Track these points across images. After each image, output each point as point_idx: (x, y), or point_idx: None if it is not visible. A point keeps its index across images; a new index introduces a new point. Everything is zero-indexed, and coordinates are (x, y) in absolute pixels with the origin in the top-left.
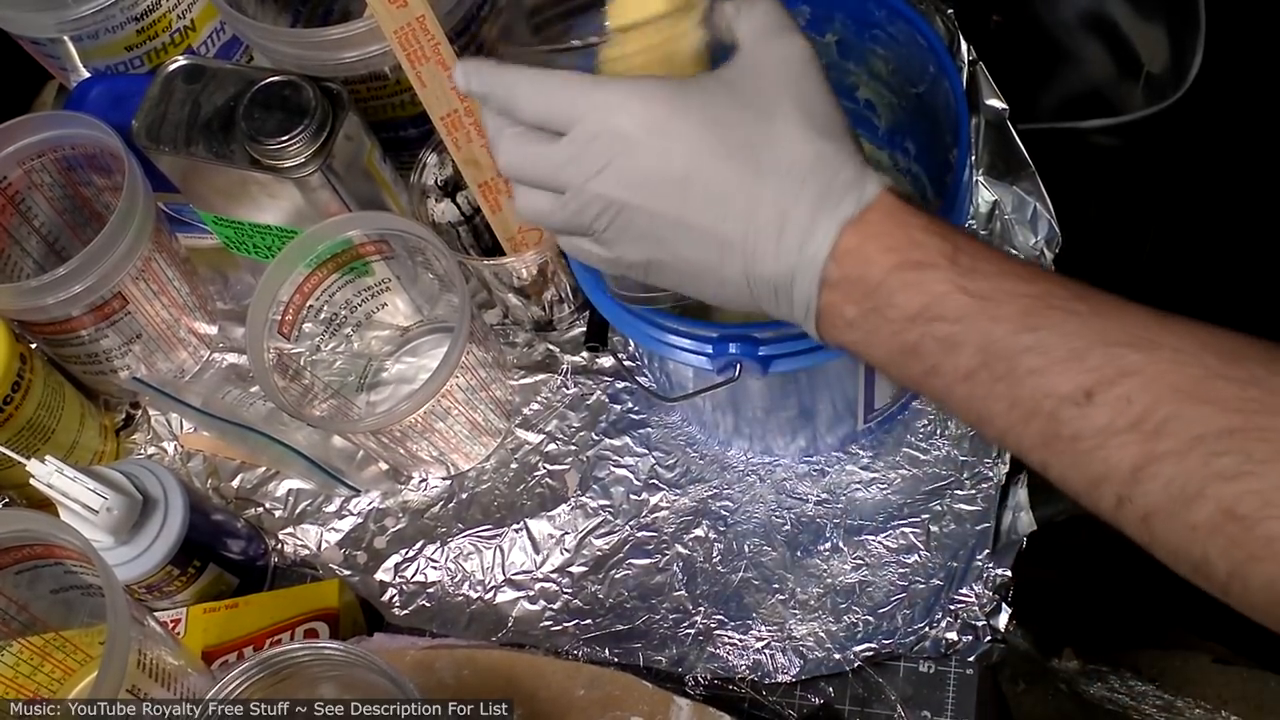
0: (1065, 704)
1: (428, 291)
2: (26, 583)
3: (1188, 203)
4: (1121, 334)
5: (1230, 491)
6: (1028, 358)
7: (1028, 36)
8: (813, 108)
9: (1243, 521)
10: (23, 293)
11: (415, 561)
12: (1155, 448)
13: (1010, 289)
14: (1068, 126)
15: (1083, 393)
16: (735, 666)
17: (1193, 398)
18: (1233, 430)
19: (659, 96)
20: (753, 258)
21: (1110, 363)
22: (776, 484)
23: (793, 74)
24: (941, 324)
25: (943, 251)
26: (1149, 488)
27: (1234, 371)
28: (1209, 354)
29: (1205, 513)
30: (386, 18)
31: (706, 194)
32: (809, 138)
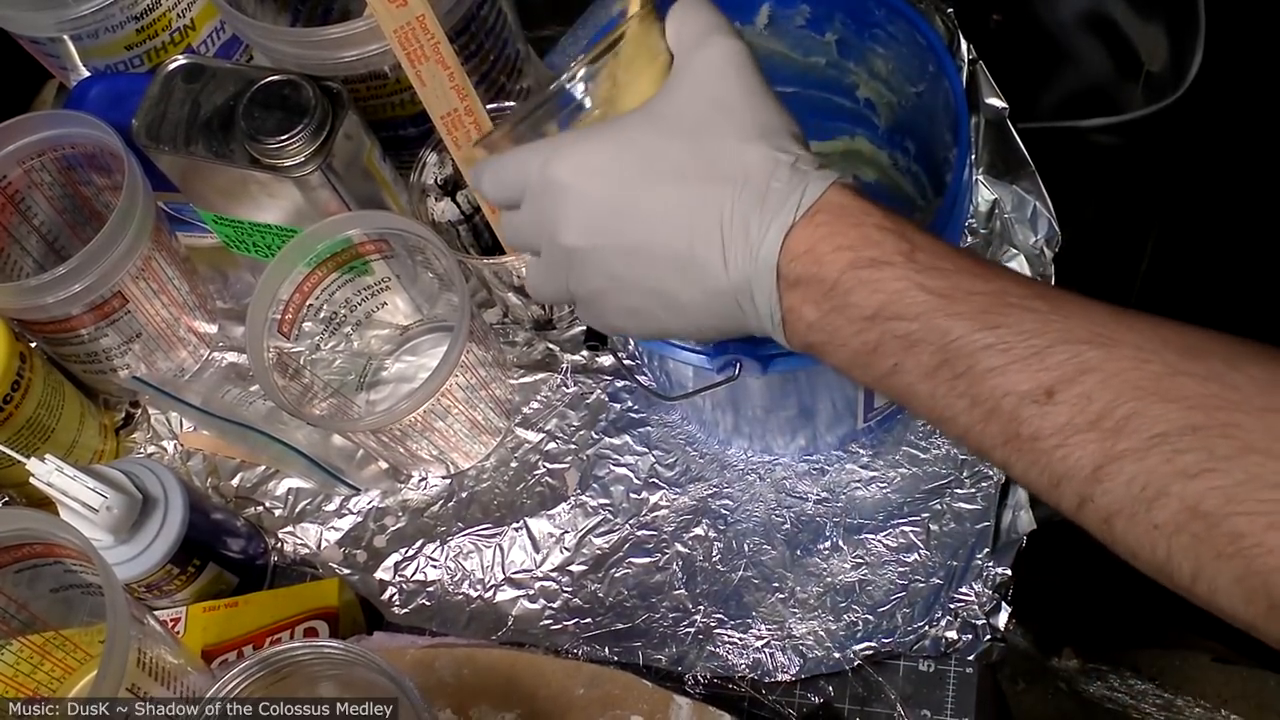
0: (1065, 703)
1: (427, 290)
2: (26, 582)
3: (1188, 202)
4: (1082, 331)
5: (1194, 489)
6: (987, 356)
7: (1028, 36)
8: (743, 113)
9: (1207, 519)
10: (23, 292)
11: (415, 560)
12: (1116, 446)
13: (969, 286)
14: (1068, 126)
15: (1043, 391)
16: (735, 665)
17: (1154, 394)
18: (1195, 427)
19: (589, 141)
20: (705, 272)
21: (1070, 360)
22: (776, 483)
23: (720, 82)
24: (900, 322)
25: (898, 249)
26: (1110, 486)
27: (1195, 367)
28: (1170, 350)
29: (1168, 511)
30: (386, 17)
31: (648, 220)
32: (739, 146)
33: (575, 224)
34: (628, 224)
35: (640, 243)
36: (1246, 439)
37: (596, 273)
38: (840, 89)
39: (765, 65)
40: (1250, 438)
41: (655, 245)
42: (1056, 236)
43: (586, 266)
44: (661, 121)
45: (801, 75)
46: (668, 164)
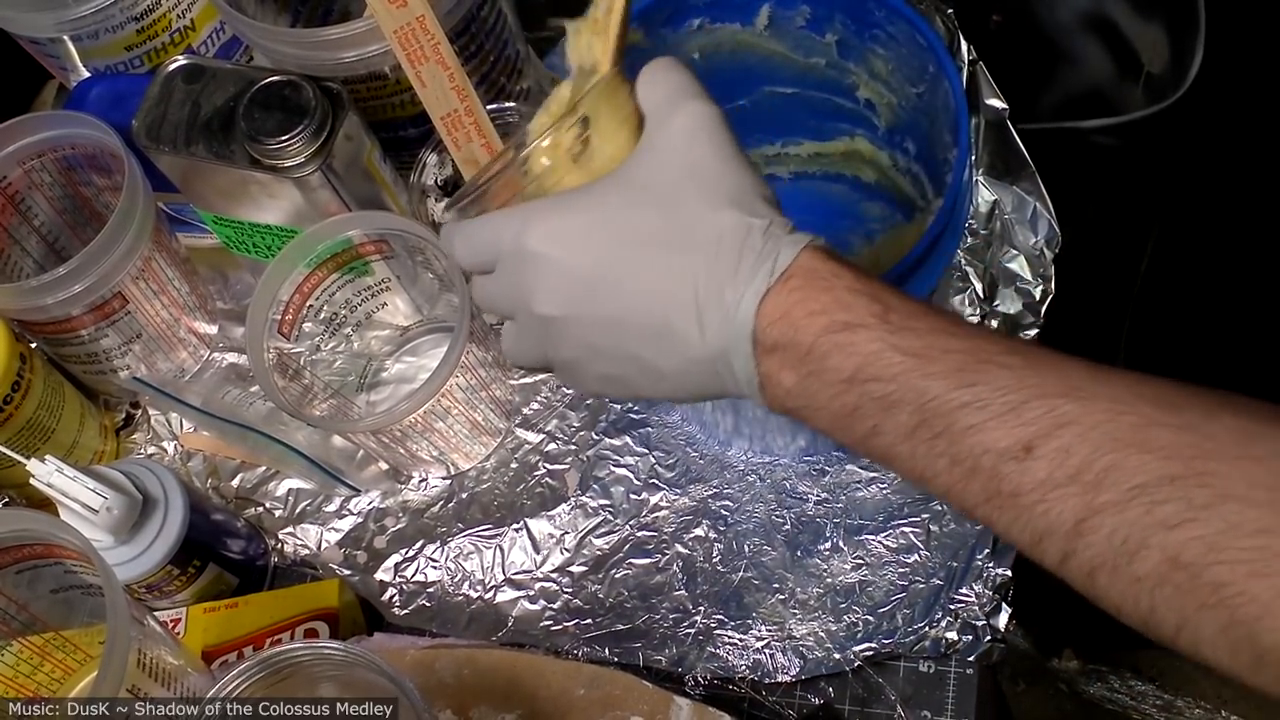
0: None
1: (428, 291)
2: (26, 582)
3: (1188, 203)
4: (1057, 386)
5: (1174, 540)
6: (964, 414)
7: (1028, 36)
8: (715, 180)
9: (1188, 569)
10: (23, 292)
11: (415, 561)
12: (1096, 499)
13: (943, 345)
14: (1068, 126)
15: (1021, 447)
16: (735, 666)
17: (1131, 446)
18: (1173, 477)
19: (563, 209)
20: (683, 342)
21: (1047, 414)
22: (776, 483)
23: (693, 148)
24: (877, 384)
25: (871, 311)
26: (1092, 540)
27: (1171, 418)
28: (1145, 403)
29: (1150, 563)
30: (386, 17)
31: (624, 291)
32: (712, 213)
33: (550, 294)
34: (603, 295)
35: (616, 314)
36: (1224, 487)
37: (573, 342)
38: (840, 90)
39: (765, 67)
40: (1227, 486)
41: (631, 316)
42: (1057, 237)
43: (563, 336)
44: (635, 189)
45: (802, 76)
46: (642, 233)
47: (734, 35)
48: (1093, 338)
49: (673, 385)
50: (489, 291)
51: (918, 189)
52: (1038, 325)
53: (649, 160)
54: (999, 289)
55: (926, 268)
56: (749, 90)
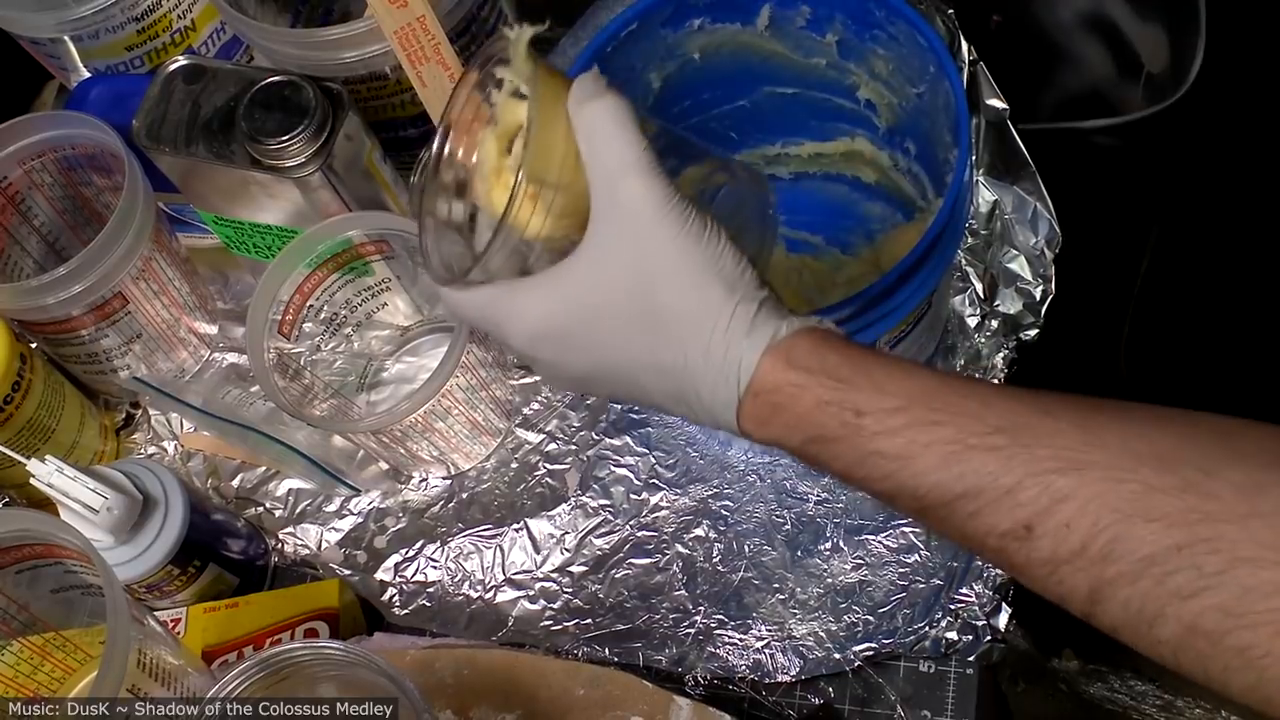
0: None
1: (428, 291)
2: (26, 582)
3: (1188, 203)
4: (1048, 461)
5: (1190, 609)
6: (961, 503)
7: (1028, 36)
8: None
9: (1209, 637)
10: (23, 293)
11: (415, 561)
12: (1105, 572)
13: (925, 439)
14: (1068, 126)
15: (1022, 527)
16: (735, 666)
17: (1133, 516)
18: (1179, 546)
19: (533, 306)
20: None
21: (1042, 493)
22: (776, 483)
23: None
24: (870, 482)
25: (843, 421)
26: (1108, 608)
27: (1169, 480)
28: (1143, 466)
29: (1169, 630)
30: (387, 18)
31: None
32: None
33: (554, 380)
34: (600, 387)
35: (619, 393)
36: (1233, 551)
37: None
38: (841, 90)
39: (766, 67)
40: (1236, 549)
41: (639, 397)
42: (1057, 237)
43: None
44: (596, 275)
45: (802, 76)
46: (613, 335)
47: (734, 35)
48: (1093, 338)
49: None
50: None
51: (918, 189)
52: (1038, 325)
53: (602, 242)
54: (999, 289)
55: (926, 268)
56: (749, 90)
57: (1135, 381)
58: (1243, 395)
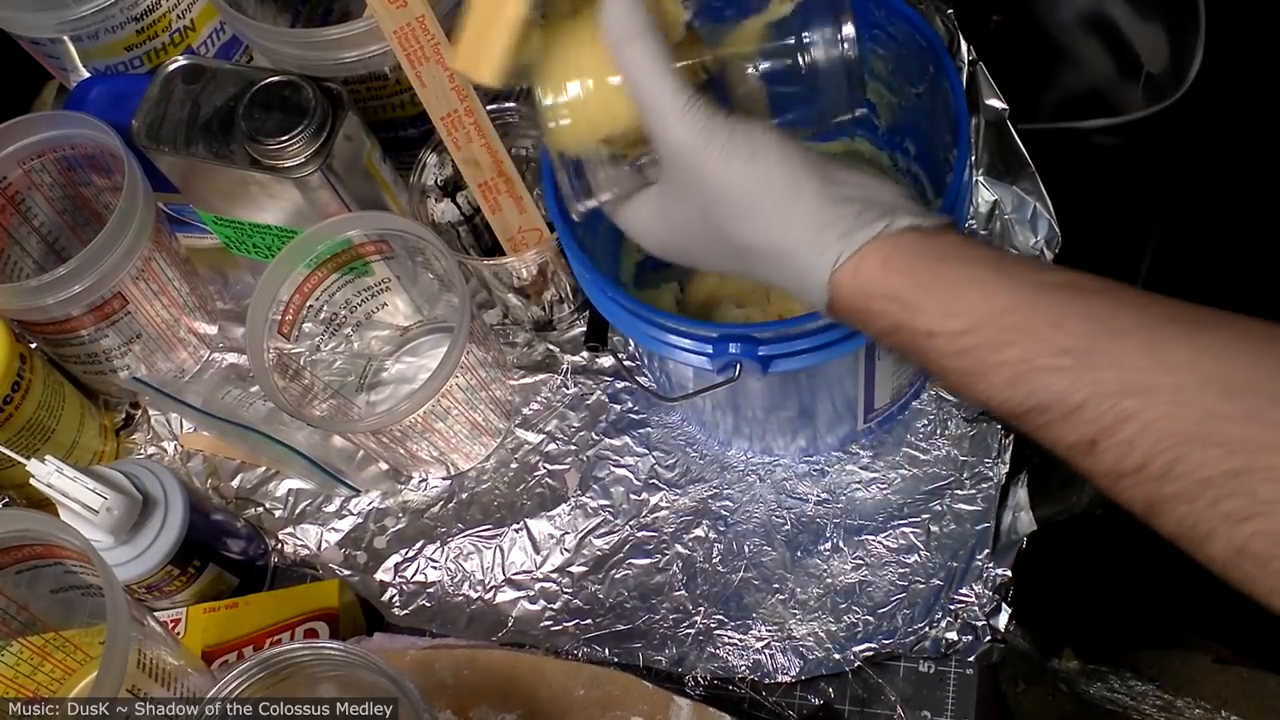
0: (1065, 704)
1: (428, 291)
2: (26, 583)
3: (1188, 203)
4: (1114, 383)
5: (1240, 533)
6: (1031, 417)
7: (1028, 36)
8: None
9: (1256, 559)
10: (23, 293)
11: (415, 561)
12: (1162, 489)
13: (994, 359)
14: (1068, 126)
15: (1087, 442)
16: (735, 666)
17: (1195, 440)
18: (1237, 472)
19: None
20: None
21: (1107, 413)
22: (776, 484)
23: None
24: (943, 384)
25: (914, 344)
26: (1164, 520)
27: (1234, 408)
28: (1209, 392)
29: (1219, 548)
30: (386, 18)
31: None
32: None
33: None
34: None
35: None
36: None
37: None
38: None
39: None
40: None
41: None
42: (1057, 237)
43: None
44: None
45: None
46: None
47: None
48: None
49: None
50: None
51: (918, 189)
52: None
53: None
54: None
55: None
56: None
57: None
58: None
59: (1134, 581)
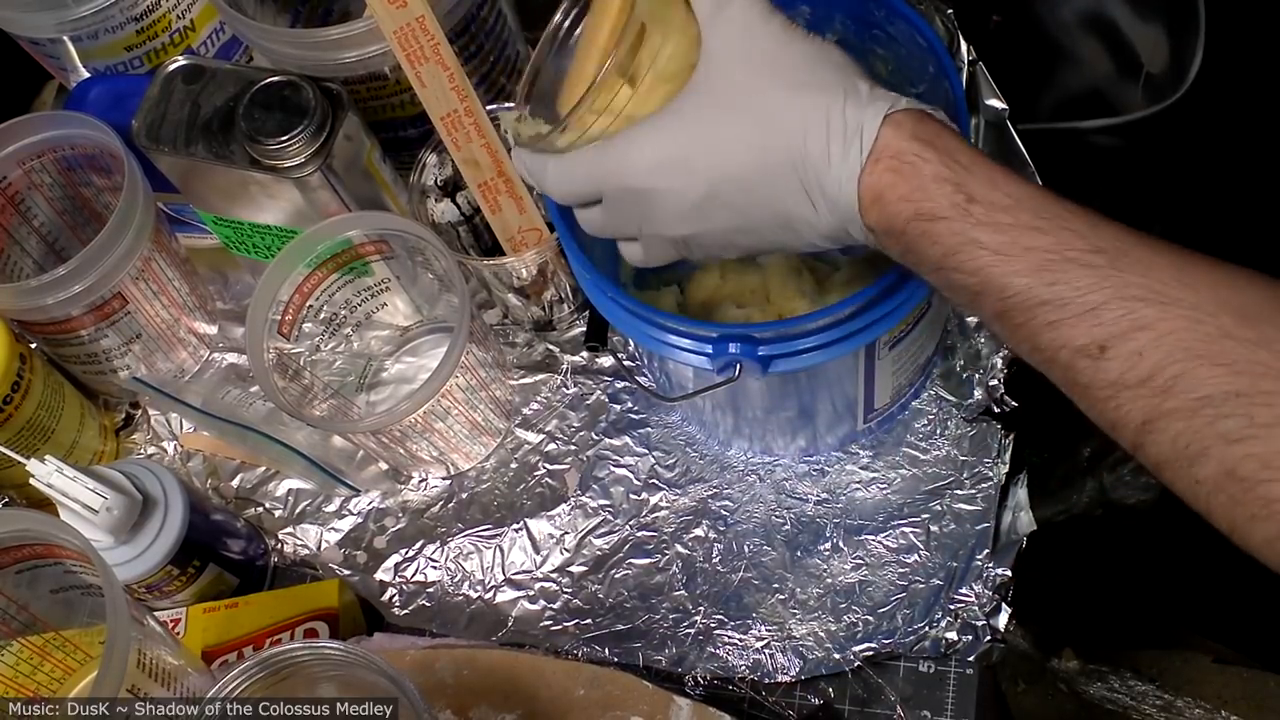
0: (1065, 704)
1: (428, 291)
2: (26, 583)
3: (1188, 203)
4: (1138, 287)
5: (1232, 454)
6: (1044, 311)
7: (1028, 36)
8: (780, 66)
9: (1243, 483)
10: (23, 293)
11: (415, 561)
12: (1163, 404)
13: (1026, 241)
14: (1068, 126)
15: (1096, 346)
16: (735, 666)
17: (1202, 357)
18: (1238, 393)
19: (653, 141)
20: (807, 226)
21: (1124, 317)
22: (776, 484)
23: (749, 43)
24: (960, 274)
25: (954, 202)
26: (1158, 439)
27: (1247, 332)
28: (1225, 313)
29: (1209, 470)
30: (386, 18)
31: (738, 203)
32: (790, 97)
33: (673, 219)
34: (722, 210)
35: (740, 222)
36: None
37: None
38: None
39: None
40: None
41: (755, 219)
42: None
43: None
44: (712, 100)
45: None
46: (737, 142)
47: None
48: None
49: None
50: (601, 222)
51: None
52: None
53: (715, 65)
54: None
55: None
56: None
57: None
58: None
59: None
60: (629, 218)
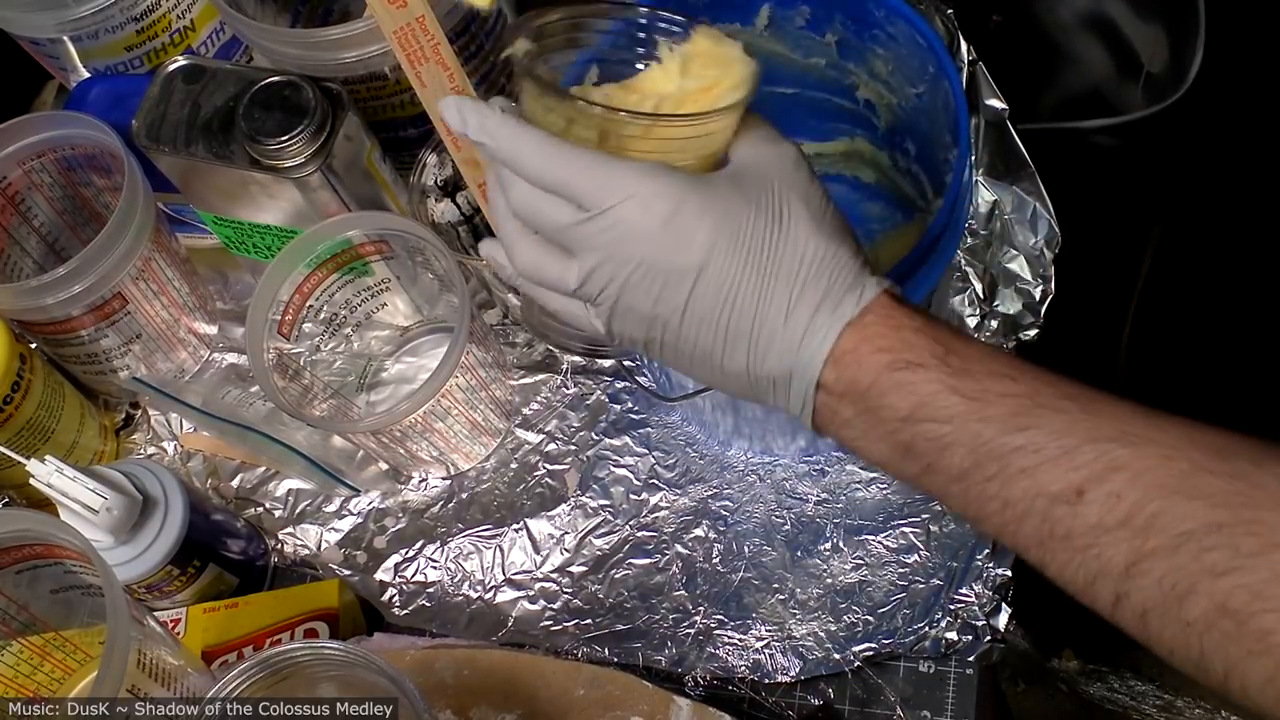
0: (1065, 704)
1: (428, 291)
2: (26, 583)
3: (1188, 203)
4: (1110, 430)
5: (1221, 587)
6: (1018, 457)
7: (1028, 36)
8: (816, 208)
9: (1235, 616)
10: (23, 293)
11: (415, 561)
12: (1146, 544)
13: (1000, 389)
14: (1068, 126)
15: (1073, 491)
16: (735, 666)
17: (1180, 493)
18: (1220, 525)
19: (675, 191)
20: (757, 352)
21: (1099, 459)
22: (776, 484)
23: (793, 176)
24: (933, 424)
25: (933, 352)
26: (1143, 583)
27: (1220, 466)
28: (1196, 450)
29: (1199, 609)
30: (386, 18)
31: (718, 288)
32: (816, 239)
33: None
34: (700, 288)
35: (703, 308)
36: (1271, 536)
37: (638, 308)
38: (840, 90)
39: (765, 66)
40: (1275, 535)
41: (718, 314)
42: (1057, 238)
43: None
44: (746, 194)
45: (801, 76)
46: (749, 238)
47: (734, 35)
48: (1093, 338)
49: (723, 379)
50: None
51: (918, 189)
52: (1038, 325)
53: (760, 179)
54: (999, 289)
55: (926, 268)
56: None
57: (1135, 381)
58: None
59: None
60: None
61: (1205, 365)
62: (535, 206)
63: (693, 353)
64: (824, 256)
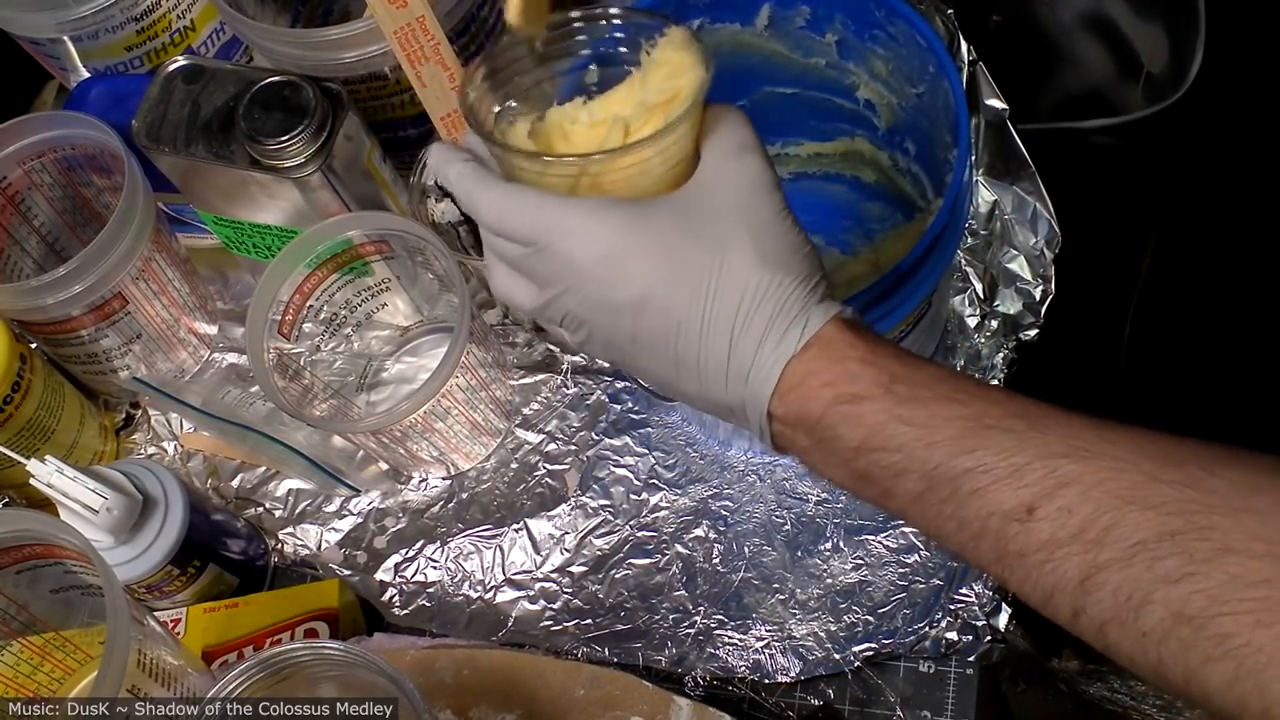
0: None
1: (428, 291)
2: (26, 583)
3: (1188, 203)
4: (1059, 446)
5: (1177, 594)
6: (969, 479)
7: (1028, 36)
8: (765, 235)
9: (1192, 623)
10: (23, 293)
11: (415, 561)
12: (1099, 557)
13: (947, 413)
14: (1068, 126)
15: (1024, 508)
16: (735, 666)
17: (1133, 504)
18: (1173, 533)
19: (613, 225)
20: (705, 381)
21: (1048, 475)
22: (776, 484)
23: (748, 199)
24: (883, 453)
25: (878, 381)
26: (1099, 596)
27: (1172, 475)
28: (1146, 460)
29: (1155, 618)
30: (386, 18)
31: (661, 320)
32: (759, 269)
33: (587, 303)
34: (643, 320)
35: (649, 337)
36: (1224, 540)
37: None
38: (840, 90)
39: (765, 67)
40: (1228, 539)
41: (664, 344)
42: (1057, 238)
43: (585, 328)
44: (690, 222)
45: (801, 76)
46: (689, 268)
47: (734, 35)
48: (1093, 338)
49: (683, 397)
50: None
51: (918, 189)
52: (1038, 325)
53: (710, 202)
54: (999, 289)
55: (926, 268)
56: (749, 90)
57: (1135, 381)
58: (1243, 395)
59: None
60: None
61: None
62: (495, 242)
63: (655, 378)
64: (767, 288)
